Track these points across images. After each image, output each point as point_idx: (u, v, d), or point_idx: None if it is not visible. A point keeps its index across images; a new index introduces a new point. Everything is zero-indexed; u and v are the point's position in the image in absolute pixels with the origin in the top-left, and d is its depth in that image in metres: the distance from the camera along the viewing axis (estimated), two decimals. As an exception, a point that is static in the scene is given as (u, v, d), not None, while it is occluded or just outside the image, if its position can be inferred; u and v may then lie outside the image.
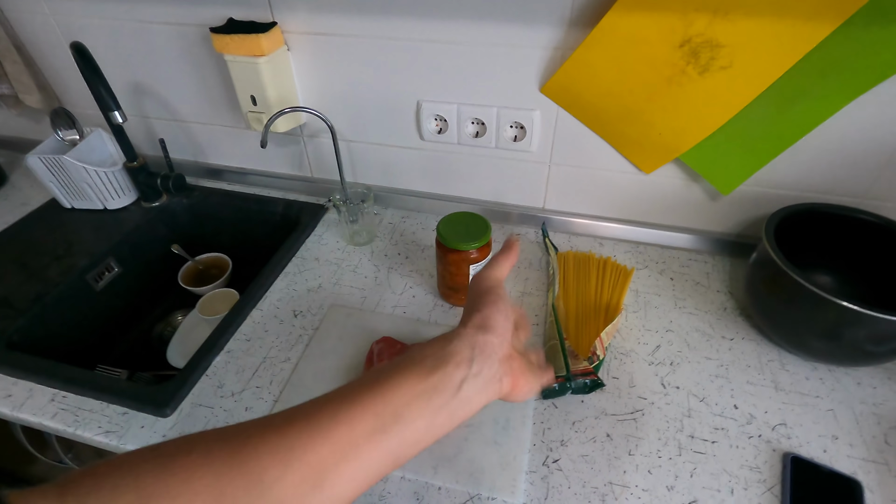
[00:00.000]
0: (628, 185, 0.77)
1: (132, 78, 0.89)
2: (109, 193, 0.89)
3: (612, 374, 0.62)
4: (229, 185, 0.98)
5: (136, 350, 0.87)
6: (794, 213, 0.65)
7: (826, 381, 0.61)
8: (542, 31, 0.65)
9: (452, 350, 0.34)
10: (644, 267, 0.77)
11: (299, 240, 0.83)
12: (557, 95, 0.70)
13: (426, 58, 0.72)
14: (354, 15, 0.70)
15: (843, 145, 0.65)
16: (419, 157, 0.84)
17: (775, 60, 0.57)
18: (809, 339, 0.59)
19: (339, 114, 0.82)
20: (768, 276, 0.61)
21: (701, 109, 0.63)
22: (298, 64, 0.78)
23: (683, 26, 0.57)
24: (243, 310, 0.72)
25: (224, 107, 0.87)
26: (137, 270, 0.89)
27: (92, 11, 0.81)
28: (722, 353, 0.64)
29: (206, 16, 0.76)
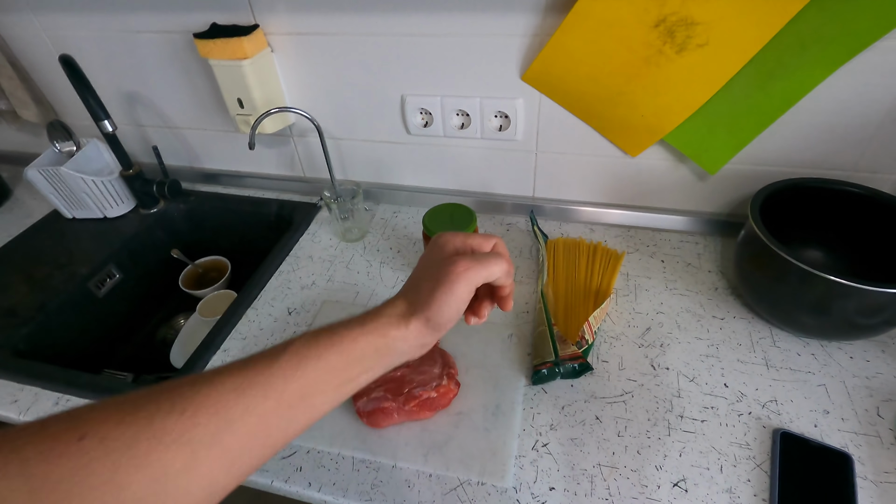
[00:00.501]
0: (616, 169, 0.77)
1: (124, 87, 0.90)
2: (108, 202, 0.91)
3: (601, 358, 0.62)
4: (225, 188, 0.99)
5: (140, 353, 0.89)
6: (781, 189, 0.65)
7: (818, 357, 0.60)
8: (520, 19, 0.65)
9: (390, 350, 0.35)
10: (635, 250, 0.77)
11: (293, 239, 0.84)
12: (538, 82, 0.70)
13: (407, 52, 0.72)
14: (334, 13, 0.71)
15: (828, 118, 0.64)
16: (407, 152, 0.85)
17: (752, 35, 0.56)
18: (799, 315, 0.59)
19: (325, 112, 0.83)
20: (756, 254, 0.61)
21: (681, 89, 0.63)
22: (283, 65, 0.79)
23: (657, 6, 0.57)
24: (238, 309, 0.73)
25: (214, 111, 0.89)
26: (138, 276, 0.91)
27: (81, 24, 0.83)
28: (713, 332, 0.64)
29: (191, 22, 0.77)
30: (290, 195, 0.95)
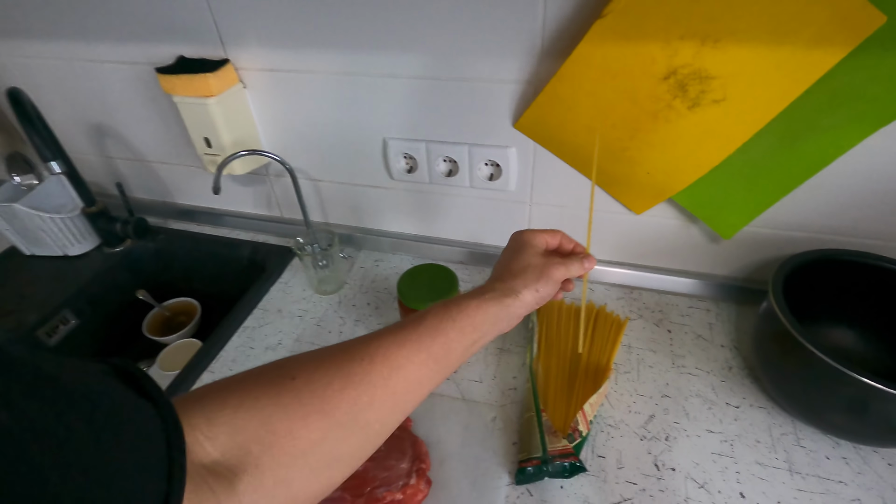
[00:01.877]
0: (619, 226, 0.69)
1: (90, 119, 0.84)
2: (68, 240, 0.84)
3: (597, 452, 0.54)
4: (199, 225, 0.92)
5: (94, 407, 0.82)
6: (808, 261, 0.57)
7: (851, 462, 0.52)
8: (513, 63, 0.59)
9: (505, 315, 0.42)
10: (639, 316, 0.69)
11: (262, 289, 0.77)
12: (532, 131, 0.63)
13: (390, 93, 0.66)
14: (311, 49, 0.65)
15: (862, 182, 0.56)
16: (390, 197, 0.78)
17: (777, 92, 0.49)
18: (828, 413, 0.51)
19: (303, 152, 0.76)
20: (777, 338, 0.53)
21: (693, 147, 0.55)
22: (257, 102, 0.73)
23: (666, 56, 0.50)
24: (195, 370, 0.66)
25: (185, 146, 0.82)
26: (97, 321, 0.83)
27: (43, 52, 0.77)
28: (727, 424, 0.56)
29: (158, 53, 0.71)
30: (266, 236, 0.88)
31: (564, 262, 0.45)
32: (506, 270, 0.45)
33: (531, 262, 0.45)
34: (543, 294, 0.43)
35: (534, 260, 0.45)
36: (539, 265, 0.44)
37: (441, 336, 0.37)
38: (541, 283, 0.43)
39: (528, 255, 0.45)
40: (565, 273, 0.45)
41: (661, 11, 0.47)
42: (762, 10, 0.45)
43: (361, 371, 0.33)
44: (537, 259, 0.45)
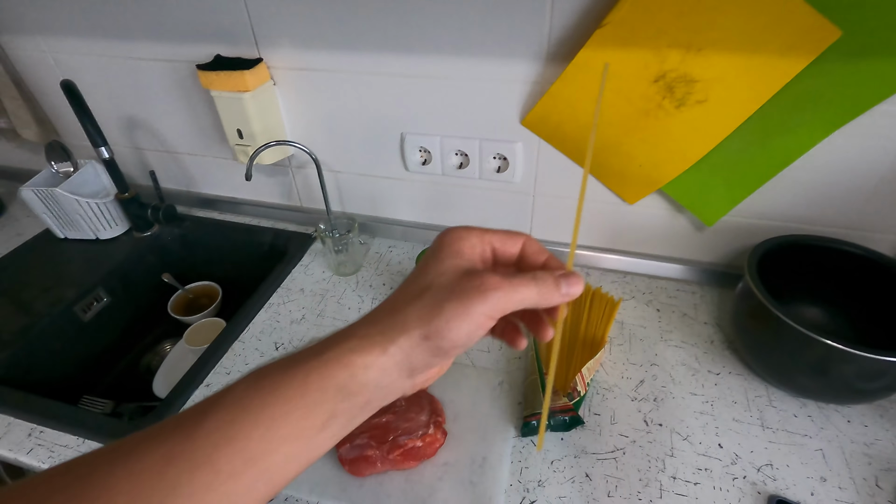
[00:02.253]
0: (613, 216, 0.77)
1: (125, 111, 0.91)
2: (101, 224, 0.90)
3: (593, 411, 0.61)
4: (221, 214, 0.99)
5: (122, 381, 0.87)
6: (778, 245, 0.64)
7: (815, 419, 0.59)
8: (521, 66, 0.66)
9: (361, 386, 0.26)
10: (631, 297, 0.76)
11: (285, 270, 0.83)
12: (538, 128, 0.70)
13: (408, 92, 0.73)
14: (337, 51, 0.72)
15: (827, 176, 0.64)
16: (405, 188, 0.85)
17: (751, 94, 0.57)
18: (796, 375, 0.58)
19: (325, 145, 0.83)
20: (753, 311, 0.60)
21: (680, 142, 0.63)
22: (285, 98, 0.79)
23: (657, 62, 0.57)
24: (225, 342, 0.71)
25: (214, 139, 0.89)
26: (127, 300, 0.89)
27: (87, 49, 0.84)
28: (708, 388, 0.63)
29: (195, 53, 0.78)
30: (285, 224, 0.94)
31: (516, 282, 0.27)
32: (392, 299, 0.29)
33: (438, 281, 0.28)
34: (446, 343, 0.26)
35: (444, 279, 0.28)
36: (451, 287, 0.27)
37: (236, 438, 0.24)
38: (442, 319, 0.26)
39: (440, 269, 0.28)
40: (512, 300, 0.27)
41: (652, 23, 0.55)
42: (737, 24, 0.53)
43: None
44: (453, 277, 0.28)
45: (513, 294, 0.27)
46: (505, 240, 0.31)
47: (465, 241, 0.30)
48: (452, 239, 0.30)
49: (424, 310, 0.27)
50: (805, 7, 0.50)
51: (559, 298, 0.29)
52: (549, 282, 0.28)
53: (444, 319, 0.26)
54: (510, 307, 0.27)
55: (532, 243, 0.31)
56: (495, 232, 0.31)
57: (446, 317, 0.26)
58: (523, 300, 0.28)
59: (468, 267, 0.29)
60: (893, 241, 0.67)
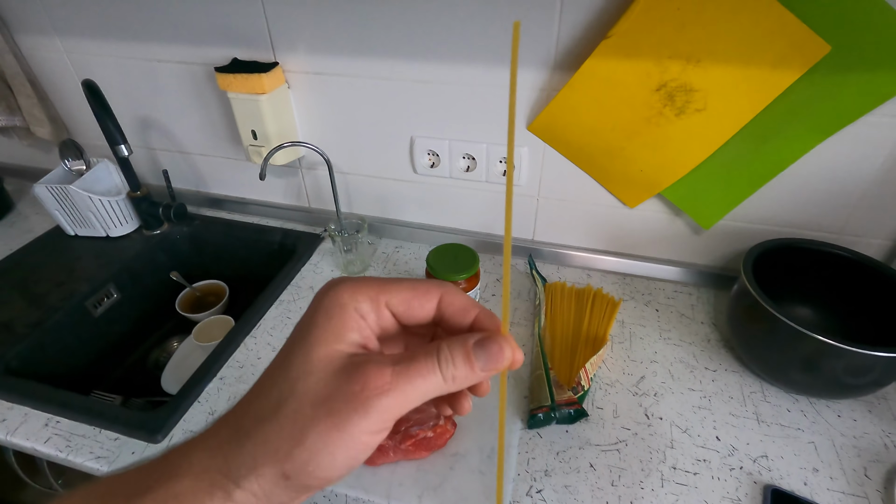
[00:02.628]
0: (614, 219, 0.80)
1: (139, 111, 0.93)
2: (112, 222, 0.91)
3: (596, 405, 0.63)
4: (229, 214, 1.01)
5: (131, 376, 0.88)
6: (772, 247, 0.67)
7: (807, 414, 0.61)
8: (529, 73, 0.69)
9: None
10: (630, 298, 0.79)
11: (295, 268, 0.85)
12: (543, 133, 0.73)
13: (419, 96, 0.76)
14: (351, 57, 0.75)
15: (818, 183, 0.67)
16: (413, 190, 0.87)
17: (746, 104, 0.60)
18: (789, 371, 0.61)
19: (336, 147, 0.86)
20: (748, 309, 0.63)
21: (679, 148, 0.66)
22: (298, 101, 0.82)
23: (659, 72, 0.61)
24: (237, 337, 0.73)
25: (226, 139, 0.91)
26: (136, 297, 0.90)
27: (104, 50, 0.86)
28: (705, 384, 0.65)
29: (212, 55, 0.80)
30: (293, 224, 0.96)
31: (413, 372, 0.21)
32: (242, 408, 0.22)
33: (303, 386, 0.21)
34: (315, 482, 0.21)
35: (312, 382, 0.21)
36: (320, 398, 0.21)
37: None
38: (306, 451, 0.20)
39: (308, 364, 0.21)
40: (409, 400, 0.21)
41: (654, 35, 0.58)
42: (733, 38, 0.56)
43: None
44: (324, 377, 0.21)
45: (409, 392, 0.21)
46: (410, 299, 0.24)
47: (350, 308, 0.22)
48: (332, 306, 0.22)
49: (281, 437, 0.20)
50: (797, 23, 0.54)
51: (476, 377, 0.22)
52: (458, 360, 0.22)
53: (308, 452, 0.20)
54: (406, 409, 0.21)
55: (454, 298, 0.24)
56: (398, 287, 0.23)
57: (311, 448, 0.20)
58: (426, 394, 0.21)
59: (350, 354, 0.22)
60: (880, 245, 0.71)
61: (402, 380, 0.21)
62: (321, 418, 0.20)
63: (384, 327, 0.24)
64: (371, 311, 0.23)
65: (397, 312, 0.24)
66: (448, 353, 0.22)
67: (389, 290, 0.24)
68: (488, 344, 0.22)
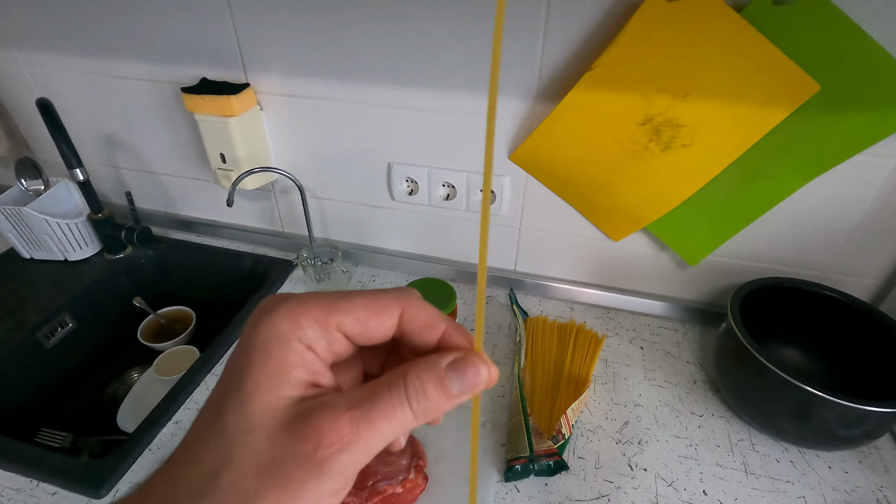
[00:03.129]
0: (598, 251, 0.77)
1: (105, 130, 0.88)
2: (71, 245, 0.86)
3: (577, 454, 0.60)
4: (199, 237, 0.96)
5: (85, 411, 0.82)
6: (760, 287, 0.65)
7: (797, 465, 0.59)
8: (511, 102, 0.66)
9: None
10: (615, 334, 0.76)
11: (264, 297, 0.81)
12: (526, 163, 0.70)
13: (397, 122, 0.72)
14: (327, 79, 0.71)
15: (806, 221, 0.65)
16: (391, 217, 0.84)
17: (734, 141, 0.58)
18: (778, 420, 0.58)
19: (310, 172, 0.82)
20: (735, 353, 0.60)
21: (665, 183, 0.64)
22: (271, 123, 0.78)
23: (645, 105, 0.58)
24: (198, 374, 0.68)
25: (195, 160, 0.87)
26: (94, 325, 0.85)
27: (68, 65, 0.82)
28: (691, 430, 0.62)
29: (181, 74, 0.77)
30: (266, 249, 0.92)
31: (375, 415, 0.18)
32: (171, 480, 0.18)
33: (240, 450, 0.17)
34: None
35: (251, 443, 0.17)
36: (263, 466, 0.17)
37: None
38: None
39: (244, 420, 0.17)
40: (373, 447, 0.18)
41: (640, 68, 0.56)
42: (722, 74, 0.54)
43: None
44: (266, 436, 0.17)
45: (373, 440, 0.17)
46: (366, 319, 0.20)
47: (293, 340, 0.18)
48: (269, 340, 0.18)
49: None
50: (786, 61, 0.52)
51: (451, 405, 0.19)
52: (430, 389, 0.18)
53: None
54: (369, 458, 0.18)
55: (418, 312, 0.20)
56: (349, 305, 0.19)
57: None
58: (393, 436, 0.18)
59: (296, 399, 0.18)
60: (868, 285, 0.69)
61: (363, 427, 0.17)
62: (269, 489, 0.17)
63: (337, 352, 0.20)
64: (320, 337, 0.19)
65: (352, 334, 0.20)
66: (418, 383, 0.18)
67: (340, 309, 0.19)
68: (463, 367, 0.19)
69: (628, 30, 0.55)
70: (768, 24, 0.51)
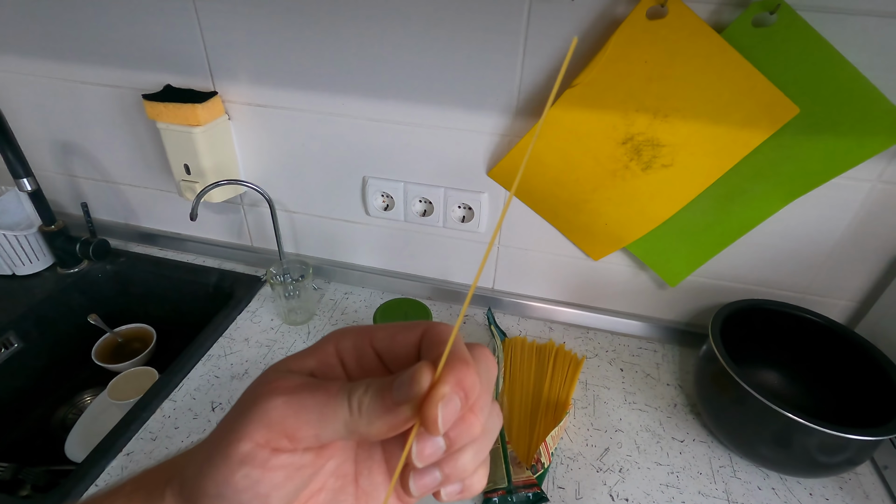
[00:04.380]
0: (577, 270, 0.76)
1: (60, 136, 0.83)
2: (20, 258, 0.80)
3: (557, 483, 0.57)
4: (161, 250, 0.91)
5: (30, 438, 0.76)
6: (740, 309, 0.64)
7: (779, 492, 0.57)
8: (490, 118, 0.65)
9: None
10: (594, 355, 0.74)
11: (230, 316, 0.77)
12: (504, 180, 0.68)
13: (373, 135, 0.70)
14: (299, 90, 0.68)
15: (785, 242, 0.65)
16: (365, 232, 0.81)
17: (714, 162, 0.57)
18: (759, 446, 0.57)
19: (281, 185, 0.78)
20: (716, 376, 0.59)
21: (645, 203, 0.63)
22: (240, 133, 0.75)
23: (625, 125, 0.57)
24: (154, 400, 0.64)
25: (159, 170, 0.82)
26: (44, 345, 0.79)
27: (20, 67, 0.77)
28: (673, 457, 0.61)
29: (144, 80, 0.73)
30: (233, 264, 0.88)
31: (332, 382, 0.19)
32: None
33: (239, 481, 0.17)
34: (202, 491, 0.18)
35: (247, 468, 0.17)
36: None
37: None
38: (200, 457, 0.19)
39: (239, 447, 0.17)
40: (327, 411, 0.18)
41: (621, 87, 0.55)
42: (702, 94, 0.53)
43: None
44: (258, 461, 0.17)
45: (307, 401, 0.18)
46: (395, 332, 0.21)
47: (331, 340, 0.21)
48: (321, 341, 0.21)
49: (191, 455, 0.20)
50: (766, 83, 0.51)
51: (392, 414, 0.17)
52: (372, 388, 0.18)
53: (195, 465, 0.19)
54: (299, 425, 0.17)
55: (439, 329, 0.20)
56: (385, 326, 0.21)
57: (197, 459, 0.19)
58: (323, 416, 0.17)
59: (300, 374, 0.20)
60: (844, 306, 0.69)
61: (305, 389, 0.18)
62: (217, 428, 0.19)
63: (367, 368, 0.21)
64: (352, 347, 0.21)
65: (381, 348, 0.21)
66: (365, 384, 0.18)
67: (377, 328, 0.21)
68: (409, 374, 0.17)
69: (609, 48, 0.54)
70: (749, 46, 0.50)
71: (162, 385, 0.65)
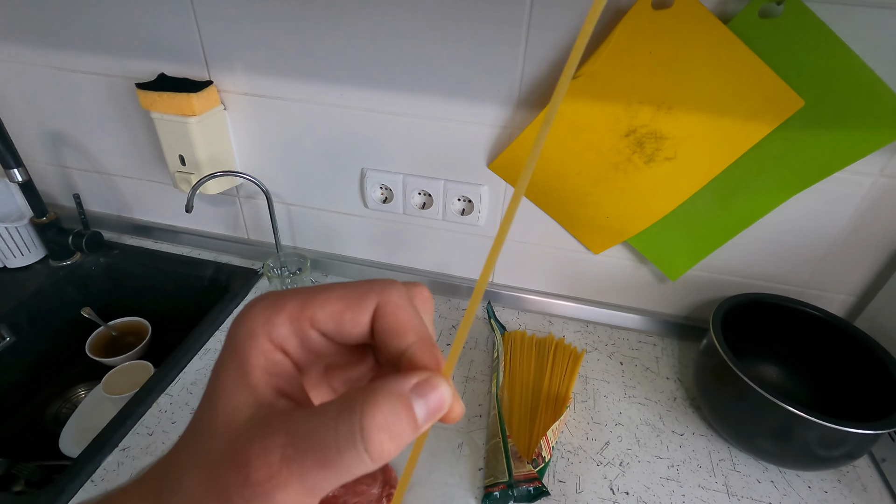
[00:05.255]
0: (578, 264, 0.75)
1: (51, 126, 0.81)
2: (11, 251, 0.79)
3: (558, 477, 0.57)
4: (156, 243, 0.90)
5: (24, 433, 0.75)
6: (740, 303, 0.64)
7: (778, 486, 0.58)
8: (491, 110, 0.64)
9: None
10: (594, 349, 0.74)
11: (226, 311, 0.76)
12: (505, 173, 0.68)
13: (372, 127, 0.69)
14: (297, 79, 0.67)
15: (786, 236, 0.65)
16: (363, 225, 0.80)
17: (717, 155, 0.57)
18: (759, 439, 0.57)
19: (278, 176, 0.77)
20: (715, 370, 0.59)
21: (647, 197, 0.62)
22: (236, 124, 0.73)
23: (628, 117, 0.56)
24: (150, 394, 0.63)
25: (153, 161, 0.81)
26: (36, 339, 0.78)
27: (9, 55, 0.75)
28: (673, 450, 0.61)
29: (138, 69, 0.71)
30: (229, 257, 0.87)
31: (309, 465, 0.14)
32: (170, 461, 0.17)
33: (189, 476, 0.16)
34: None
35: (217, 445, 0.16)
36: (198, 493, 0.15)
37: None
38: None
39: (206, 427, 0.16)
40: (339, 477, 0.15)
41: (624, 79, 0.54)
42: (706, 86, 0.53)
43: None
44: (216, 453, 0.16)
45: (312, 482, 0.14)
46: (341, 312, 0.17)
47: (261, 337, 0.17)
48: (242, 338, 0.17)
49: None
50: (772, 75, 0.51)
51: (416, 434, 0.16)
52: (397, 420, 0.15)
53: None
54: (316, 498, 0.15)
55: (393, 310, 0.18)
56: (326, 297, 0.17)
57: None
58: (341, 479, 0.15)
59: (256, 407, 0.16)
60: (843, 300, 0.69)
61: (295, 470, 0.14)
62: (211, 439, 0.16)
63: (317, 351, 0.18)
64: (291, 334, 0.17)
65: (327, 331, 0.18)
66: (381, 416, 0.15)
67: (315, 301, 0.18)
68: (424, 389, 0.16)
69: (613, 38, 0.53)
70: (754, 38, 0.50)
71: (158, 379, 0.65)
